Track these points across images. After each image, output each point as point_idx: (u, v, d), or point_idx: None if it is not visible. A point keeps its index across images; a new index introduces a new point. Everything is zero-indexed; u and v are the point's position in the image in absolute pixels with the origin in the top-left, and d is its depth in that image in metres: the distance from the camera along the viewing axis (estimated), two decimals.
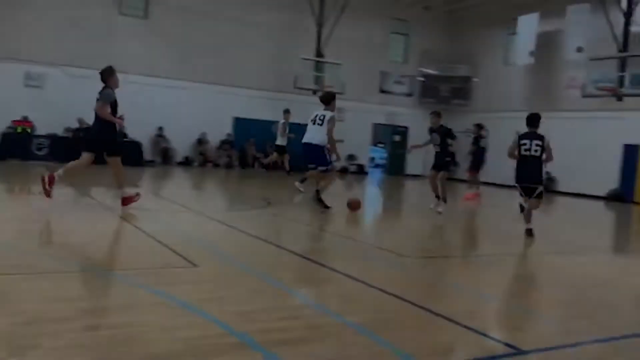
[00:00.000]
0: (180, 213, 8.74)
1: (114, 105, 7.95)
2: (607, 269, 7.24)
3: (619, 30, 18.01)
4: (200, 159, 20.65)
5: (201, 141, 20.71)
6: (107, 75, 7.99)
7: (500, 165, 13.33)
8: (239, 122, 21.33)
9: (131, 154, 18.75)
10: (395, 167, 25.44)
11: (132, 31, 19.63)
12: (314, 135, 9.43)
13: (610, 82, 18.19)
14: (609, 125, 18.31)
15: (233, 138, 21.18)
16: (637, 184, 18.05)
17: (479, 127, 14.17)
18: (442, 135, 10.94)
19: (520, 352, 3.48)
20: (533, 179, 8.51)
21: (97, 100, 7.84)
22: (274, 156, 17.91)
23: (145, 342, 3.19)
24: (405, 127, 24.96)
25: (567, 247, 8.49)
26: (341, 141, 17.18)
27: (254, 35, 21.30)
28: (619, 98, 18.16)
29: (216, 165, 20.72)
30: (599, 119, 18.84)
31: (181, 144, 20.46)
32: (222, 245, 6.31)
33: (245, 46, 21.11)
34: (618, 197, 17.94)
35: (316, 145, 9.41)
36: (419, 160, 25.27)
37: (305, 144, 9.54)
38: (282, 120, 17.20)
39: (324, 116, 9.48)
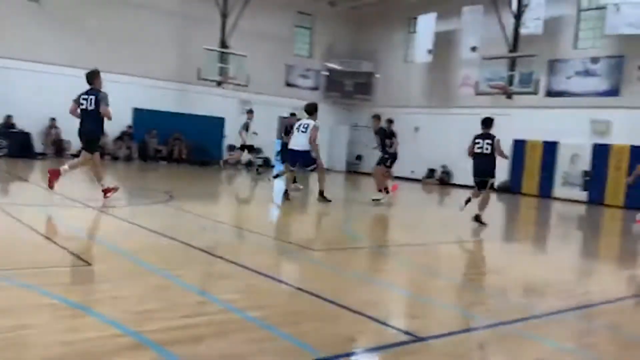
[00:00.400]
0: (74, 209, 8.26)
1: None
2: (499, 257, 7.69)
3: (510, 31, 19.15)
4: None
5: None
6: (95, 77, 9.03)
7: (401, 158, 13.78)
8: (139, 113, 20.50)
9: (19, 145, 17.56)
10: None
11: (23, 15, 18.27)
12: (300, 141, 10.69)
13: (501, 80, 19.32)
14: (500, 121, 19.20)
15: (132, 130, 20.29)
16: (525, 177, 19.35)
17: (390, 122, 14.57)
18: (382, 136, 12.26)
19: (419, 339, 3.60)
20: (485, 173, 9.93)
21: (97, 102, 8.83)
22: (237, 155, 18.25)
23: (34, 346, 2.98)
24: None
25: (463, 236, 8.92)
26: (255, 134, 17.29)
27: (154, 23, 20.55)
28: (509, 96, 19.34)
29: (115, 158, 19.82)
30: (491, 116, 19.95)
31: (75, 135, 19.31)
32: (120, 241, 6.03)
33: (145, 34, 20.32)
34: (507, 189, 19.13)
35: (302, 151, 10.71)
36: (323, 153, 25.58)
37: (292, 150, 10.88)
38: (246, 120, 17.55)
39: (308, 125, 10.72)
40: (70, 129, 19.03)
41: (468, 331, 3.95)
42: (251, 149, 17.73)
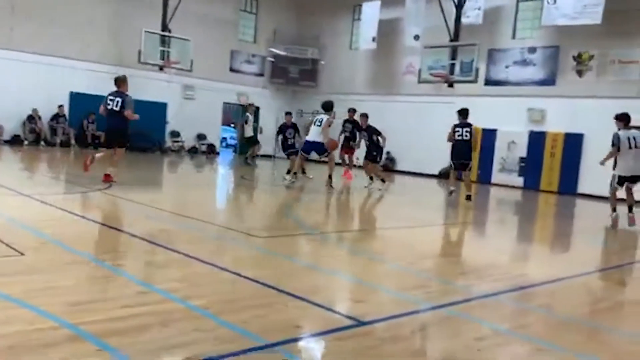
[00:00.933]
0: (5, 197, 7.89)
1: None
2: (440, 241, 7.88)
3: (451, 20, 19.51)
4: (32, 137, 18.85)
5: (32, 118, 18.88)
6: (122, 82, 10.25)
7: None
8: (76, 98, 19.72)
9: None
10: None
11: None
12: (315, 135, 11.94)
13: (442, 69, 19.69)
14: (441, 109, 19.82)
15: (64, 112, 19.42)
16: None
17: (354, 111, 15.11)
18: (370, 133, 13.41)
19: (361, 323, 3.65)
20: (466, 156, 11.64)
21: (122, 106, 9.97)
22: (256, 148, 18.99)
23: None
24: (257, 108, 24.94)
25: (405, 222, 9.08)
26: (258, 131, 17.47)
27: (92, 3, 19.76)
28: (450, 84, 19.75)
29: (51, 144, 19.05)
30: (432, 104, 20.35)
31: (9, 121, 18.51)
32: (56, 231, 5.81)
33: (82, 15, 19.51)
34: (448, 175, 19.56)
35: (316, 142, 11.94)
36: (270, 141, 25.47)
37: (308, 141, 12.12)
38: (247, 114, 18.68)
39: (322, 119, 11.93)
40: (2, 114, 18.27)
41: (410, 314, 4.03)
42: (255, 141, 18.92)
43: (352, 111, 14.78)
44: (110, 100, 10.08)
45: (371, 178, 13.56)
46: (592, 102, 16.97)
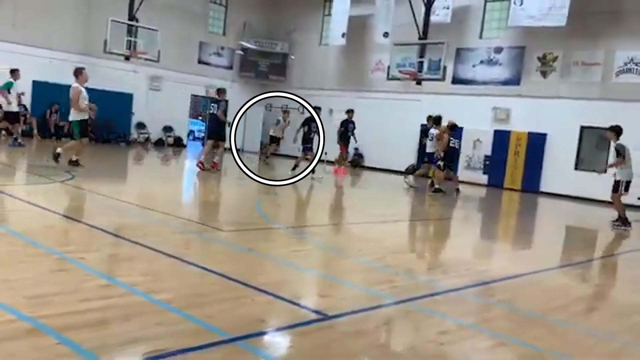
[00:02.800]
0: None
1: None
2: (406, 237, 7.96)
3: (420, 19, 19.66)
4: None
5: None
6: (222, 93, 12.90)
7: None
8: (39, 87, 19.18)
9: None
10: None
11: None
12: (430, 147, 13.89)
13: (411, 66, 19.83)
14: (409, 106, 20.03)
15: (23, 102, 18.78)
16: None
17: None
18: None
19: (326, 317, 3.66)
20: (455, 160, 13.82)
21: (218, 109, 12.30)
22: (272, 147, 19.59)
23: None
24: (225, 101, 24.70)
25: (373, 217, 9.13)
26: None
27: None
28: (418, 82, 19.91)
29: (11, 133, 18.48)
30: (401, 101, 20.52)
31: None
32: (14, 222, 5.66)
33: (47, 2, 19.00)
34: (414, 172, 19.73)
35: (431, 153, 13.78)
36: (238, 134, 25.25)
37: (429, 153, 13.86)
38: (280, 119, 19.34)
39: (434, 134, 13.79)
40: None
41: (375, 309, 4.06)
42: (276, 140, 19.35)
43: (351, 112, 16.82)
44: (212, 106, 11.99)
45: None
46: (556, 103, 17.37)
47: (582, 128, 17.02)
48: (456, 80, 19.75)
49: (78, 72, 11.03)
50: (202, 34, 23.74)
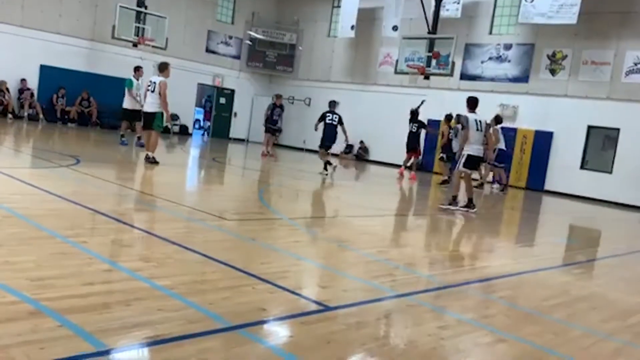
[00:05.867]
0: None
1: None
2: (408, 231, 7.96)
3: (430, 13, 19.55)
4: None
5: (0, 90, 18.32)
6: (334, 106, 13.42)
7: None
8: (46, 71, 19.22)
9: None
10: (219, 131, 25.11)
11: None
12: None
13: (419, 61, 19.76)
14: (416, 101, 19.95)
15: (27, 86, 18.81)
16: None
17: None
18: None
19: (327, 308, 3.67)
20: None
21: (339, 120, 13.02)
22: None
23: None
24: (232, 90, 24.71)
25: (376, 210, 9.13)
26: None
27: None
28: (426, 77, 19.84)
29: (18, 117, 18.56)
30: (408, 95, 20.44)
31: None
32: (21, 205, 5.68)
33: None
34: (420, 167, 19.72)
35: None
36: (244, 125, 25.29)
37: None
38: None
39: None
40: None
41: (375, 301, 4.07)
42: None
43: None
44: (328, 117, 13.43)
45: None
46: (563, 101, 17.28)
47: (589, 127, 16.94)
48: (464, 76, 19.66)
49: (164, 67, 11.32)
50: (211, 22, 23.69)
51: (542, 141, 17.68)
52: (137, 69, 14.32)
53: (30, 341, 2.63)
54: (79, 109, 19.79)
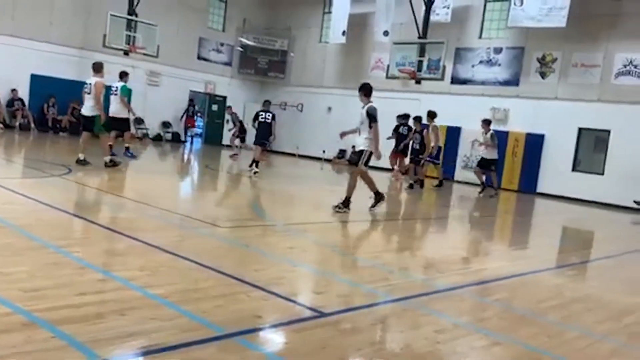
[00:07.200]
0: None
1: None
2: (402, 235, 7.96)
3: (420, 18, 19.65)
4: None
5: None
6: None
7: (313, 138, 13.90)
8: (37, 80, 19.13)
9: None
10: (212, 137, 25.07)
11: None
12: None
13: (411, 65, 19.83)
14: (409, 106, 19.98)
15: (18, 96, 18.72)
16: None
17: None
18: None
19: (322, 314, 3.66)
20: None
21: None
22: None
23: None
24: (224, 97, 24.69)
25: (368, 216, 9.12)
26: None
27: None
28: (417, 81, 19.91)
29: (9, 126, 18.46)
30: (400, 99, 20.48)
31: None
32: (11, 215, 5.64)
33: None
34: (407, 171, 19.72)
35: None
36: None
37: None
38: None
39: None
40: None
41: (370, 306, 4.06)
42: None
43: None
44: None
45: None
46: (554, 104, 17.38)
47: (580, 130, 17.04)
48: (455, 80, 19.74)
49: (99, 67, 11.07)
50: (202, 29, 23.69)
51: (534, 144, 17.75)
52: (124, 75, 14.20)
53: (24, 352, 2.61)
54: (71, 118, 19.69)
